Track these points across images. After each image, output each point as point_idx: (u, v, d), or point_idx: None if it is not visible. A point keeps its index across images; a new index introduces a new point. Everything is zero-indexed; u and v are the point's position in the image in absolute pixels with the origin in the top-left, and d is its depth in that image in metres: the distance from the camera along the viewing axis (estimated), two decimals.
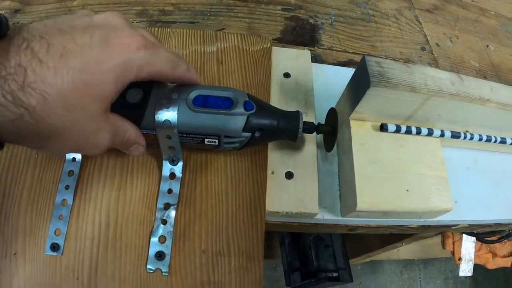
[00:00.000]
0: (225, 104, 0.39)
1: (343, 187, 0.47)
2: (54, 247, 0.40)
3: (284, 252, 0.84)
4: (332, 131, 0.44)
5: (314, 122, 0.45)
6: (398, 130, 0.47)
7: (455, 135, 0.51)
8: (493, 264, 0.97)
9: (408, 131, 0.48)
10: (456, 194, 0.53)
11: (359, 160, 0.45)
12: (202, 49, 0.50)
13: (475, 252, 0.92)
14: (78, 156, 0.43)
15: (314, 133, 0.46)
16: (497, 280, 1.71)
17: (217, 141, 0.40)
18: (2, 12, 0.55)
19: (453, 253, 0.93)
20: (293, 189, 0.44)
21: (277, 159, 0.45)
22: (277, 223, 0.47)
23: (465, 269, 0.92)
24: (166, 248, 0.40)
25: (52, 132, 0.29)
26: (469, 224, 0.55)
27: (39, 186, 0.42)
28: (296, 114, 0.42)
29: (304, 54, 0.53)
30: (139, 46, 0.31)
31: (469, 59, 0.65)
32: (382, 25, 0.65)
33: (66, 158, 0.43)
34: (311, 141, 0.47)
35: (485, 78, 0.64)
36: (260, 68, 0.50)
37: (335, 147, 0.50)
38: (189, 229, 0.41)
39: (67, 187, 0.42)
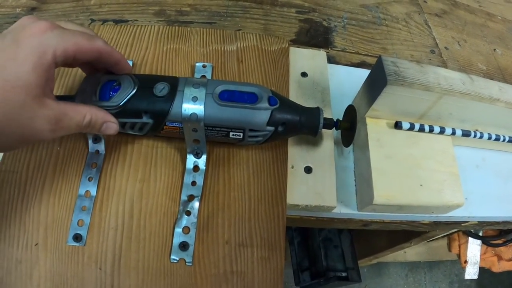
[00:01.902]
0: (251, 98, 0.41)
1: (359, 181, 0.49)
2: (77, 237, 0.40)
3: (293, 252, 0.85)
4: (350, 127, 0.45)
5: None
6: (412, 127, 0.49)
7: (466, 134, 0.52)
8: (498, 267, 0.98)
9: (422, 129, 0.49)
10: (466, 191, 0.54)
11: (375, 155, 0.46)
12: (222, 48, 0.52)
13: (480, 255, 0.93)
14: (102, 149, 0.44)
15: (331, 130, 0.47)
16: (502, 284, 1.71)
17: (242, 134, 0.41)
18: (19, 9, 0.57)
19: (459, 256, 0.94)
20: (312, 183, 0.45)
21: (296, 154, 0.47)
22: (295, 218, 0.48)
23: (471, 272, 0.93)
24: (190, 238, 0.41)
25: None
26: (478, 221, 0.57)
27: (62, 178, 0.43)
28: (317, 110, 0.43)
29: (320, 54, 0.55)
30: (45, 29, 0.33)
31: (477, 62, 0.67)
32: (393, 28, 0.67)
33: (90, 151, 0.44)
34: (329, 137, 0.48)
35: (492, 80, 0.66)
36: (278, 67, 0.51)
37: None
38: (212, 221, 0.42)
39: (90, 179, 0.43)
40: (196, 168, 0.44)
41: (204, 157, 0.44)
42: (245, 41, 0.53)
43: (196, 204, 0.42)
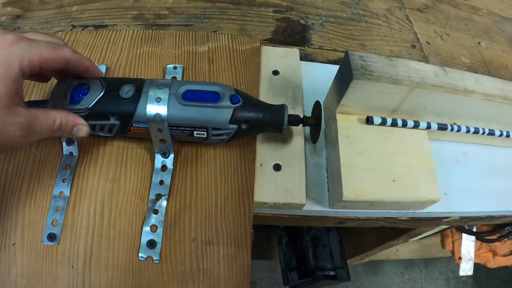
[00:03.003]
0: (213, 98, 0.41)
1: (331, 178, 0.49)
2: (51, 237, 0.41)
3: (281, 252, 0.85)
4: (317, 123, 0.45)
5: (301, 115, 0.47)
6: (384, 122, 0.49)
7: (442, 127, 0.52)
8: (493, 263, 0.96)
9: (394, 124, 0.49)
10: (446, 186, 0.54)
11: (345, 151, 0.46)
12: (194, 49, 0.53)
13: (475, 251, 0.92)
14: (75, 151, 0.45)
15: (303, 127, 0.47)
16: (499, 280, 1.67)
17: (205, 133, 0.42)
18: (4, 17, 0.58)
19: (453, 252, 0.92)
20: (281, 180, 0.46)
21: (265, 152, 0.47)
22: (267, 216, 0.48)
23: (466, 269, 0.92)
24: (157, 236, 0.42)
25: None
26: (460, 217, 0.56)
27: (38, 181, 0.44)
28: (282, 107, 0.44)
29: (293, 52, 0.55)
30: (11, 42, 0.35)
31: (460, 56, 0.66)
32: (373, 24, 0.66)
33: (64, 153, 0.45)
34: (299, 134, 0.49)
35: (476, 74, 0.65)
36: (249, 66, 0.52)
37: (323, 141, 0.52)
38: (180, 219, 0.43)
39: (64, 180, 0.44)
40: (164, 167, 0.44)
41: (171, 156, 0.44)
42: (217, 42, 0.53)
43: (163, 203, 0.43)
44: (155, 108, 0.40)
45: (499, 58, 0.68)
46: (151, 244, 0.41)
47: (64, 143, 0.45)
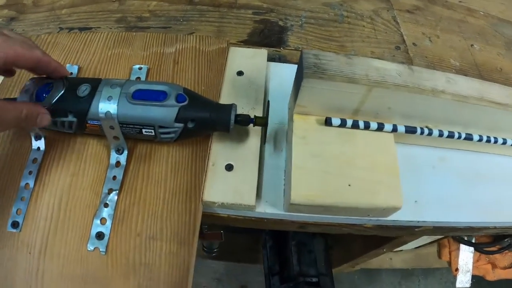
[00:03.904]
0: (160, 97, 0.43)
1: (286, 181, 0.48)
2: (14, 224, 0.44)
3: (265, 256, 0.84)
4: (266, 123, 0.45)
5: (261, 116, 0.47)
6: (343, 124, 0.47)
7: (411, 130, 0.50)
8: (493, 275, 0.90)
9: (355, 125, 0.48)
10: (417, 193, 0.52)
11: (298, 153, 0.45)
12: (161, 51, 0.54)
13: (473, 263, 0.87)
14: (42, 146, 0.48)
15: (259, 127, 0.47)
16: None
17: (153, 131, 0.43)
18: (0, 19, 0.63)
19: (449, 263, 0.88)
20: (232, 180, 0.46)
21: (219, 152, 0.47)
22: (223, 216, 0.48)
23: (463, 281, 0.87)
24: (106, 229, 0.43)
25: None
26: (433, 226, 0.53)
27: (8, 173, 0.47)
28: (229, 107, 0.44)
29: (261, 53, 0.55)
30: None
31: (449, 58, 0.63)
32: (356, 25, 0.65)
33: (32, 147, 0.48)
34: (255, 135, 0.49)
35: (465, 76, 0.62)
36: (213, 67, 0.52)
37: (284, 142, 0.51)
38: (128, 213, 0.44)
39: (30, 173, 0.47)
40: (118, 163, 0.46)
41: (125, 153, 0.46)
42: (185, 43, 0.54)
43: (114, 197, 0.45)
44: (106, 106, 0.42)
45: (493, 61, 0.65)
46: (99, 236, 0.43)
47: (33, 138, 0.48)
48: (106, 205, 0.44)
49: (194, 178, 0.45)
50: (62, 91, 0.44)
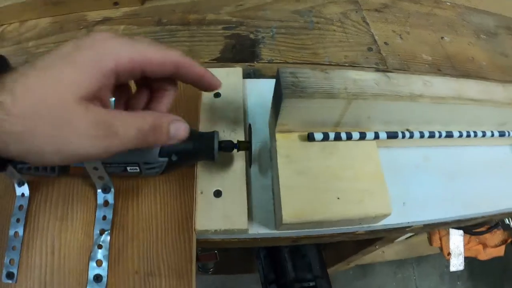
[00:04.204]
0: None
1: (275, 201, 0.49)
2: (9, 275, 0.44)
3: (260, 265, 0.84)
4: (248, 147, 0.46)
5: (244, 138, 0.47)
6: (326, 137, 0.48)
7: (392, 135, 0.51)
8: (484, 255, 0.94)
9: (338, 138, 0.48)
10: (404, 195, 0.53)
11: (284, 172, 0.46)
12: None
13: (464, 245, 0.90)
14: (26, 192, 0.47)
15: (244, 151, 0.48)
16: (494, 270, 1.63)
17: (137, 168, 0.43)
18: None
19: (441, 248, 0.91)
20: (222, 206, 0.46)
21: (206, 179, 0.48)
22: (216, 241, 0.49)
23: (456, 264, 0.90)
24: (103, 270, 0.43)
25: (23, 124, 0.27)
26: (423, 225, 0.55)
27: None
28: (211, 135, 0.44)
29: (235, 71, 0.55)
30: (107, 37, 0.30)
31: (421, 53, 0.64)
32: (326, 31, 0.65)
33: (16, 194, 0.47)
34: (240, 158, 0.49)
35: (439, 70, 0.63)
36: (188, 92, 0.52)
37: (270, 161, 0.52)
38: (123, 252, 0.44)
39: (18, 220, 0.46)
40: (106, 202, 0.46)
41: (112, 191, 0.46)
42: None
43: (107, 237, 0.44)
44: None
45: (464, 51, 0.66)
46: (97, 278, 0.43)
47: (15, 185, 0.47)
48: (99, 247, 0.44)
49: (184, 208, 0.46)
50: None
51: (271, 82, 0.57)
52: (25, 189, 0.48)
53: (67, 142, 0.28)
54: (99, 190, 0.46)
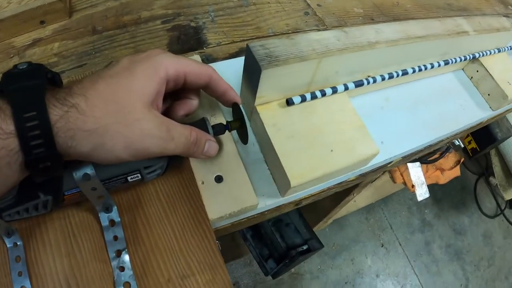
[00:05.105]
0: None
1: (273, 171, 0.50)
2: None
3: (251, 246, 0.86)
4: (241, 124, 0.46)
5: (224, 122, 0.48)
6: (304, 99, 0.50)
7: (359, 84, 0.55)
8: (444, 178, 1.05)
9: (314, 97, 0.51)
10: (380, 135, 0.58)
11: (277, 140, 0.47)
12: None
13: (424, 175, 0.99)
14: (18, 240, 0.43)
15: (230, 132, 0.48)
16: (455, 189, 1.84)
17: (139, 174, 0.42)
18: None
19: (405, 183, 0.99)
20: (227, 190, 0.47)
21: (202, 168, 0.47)
22: (226, 227, 0.49)
23: (422, 193, 0.99)
24: None
25: (96, 122, 0.32)
26: (402, 157, 0.60)
27: None
28: (203, 122, 0.44)
29: (193, 59, 0.54)
30: (158, 52, 0.38)
31: (353, 8, 0.69)
32: (262, 4, 0.67)
33: (8, 246, 0.43)
34: (228, 139, 0.50)
35: (372, 20, 0.69)
36: None
37: (252, 136, 0.53)
38: (147, 266, 0.43)
39: (20, 274, 0.42)
40: (112, 222, 0.44)
41: (114, 209, 0.44)
42: None
43: (126, 257, 0.43)
44: (81, 169, 0.39)
45: None
46: None
47: (4, 237, 0.43)
48: (121, 269, 0.42)
49: (192, 202, 0.45)
50: None
51: (229, 63, 0.58)
52: (16, 238, 0.43)
53: (136, 140, 0.34)
54: (100, 212, 0.44)
